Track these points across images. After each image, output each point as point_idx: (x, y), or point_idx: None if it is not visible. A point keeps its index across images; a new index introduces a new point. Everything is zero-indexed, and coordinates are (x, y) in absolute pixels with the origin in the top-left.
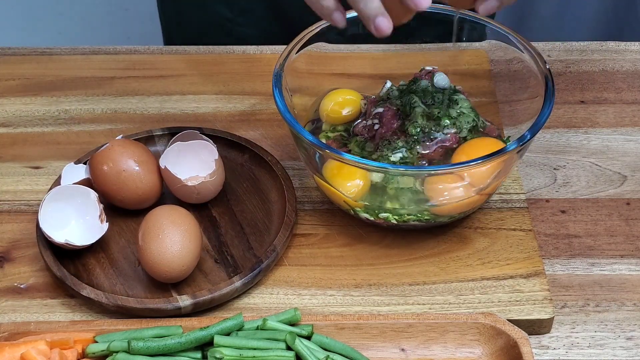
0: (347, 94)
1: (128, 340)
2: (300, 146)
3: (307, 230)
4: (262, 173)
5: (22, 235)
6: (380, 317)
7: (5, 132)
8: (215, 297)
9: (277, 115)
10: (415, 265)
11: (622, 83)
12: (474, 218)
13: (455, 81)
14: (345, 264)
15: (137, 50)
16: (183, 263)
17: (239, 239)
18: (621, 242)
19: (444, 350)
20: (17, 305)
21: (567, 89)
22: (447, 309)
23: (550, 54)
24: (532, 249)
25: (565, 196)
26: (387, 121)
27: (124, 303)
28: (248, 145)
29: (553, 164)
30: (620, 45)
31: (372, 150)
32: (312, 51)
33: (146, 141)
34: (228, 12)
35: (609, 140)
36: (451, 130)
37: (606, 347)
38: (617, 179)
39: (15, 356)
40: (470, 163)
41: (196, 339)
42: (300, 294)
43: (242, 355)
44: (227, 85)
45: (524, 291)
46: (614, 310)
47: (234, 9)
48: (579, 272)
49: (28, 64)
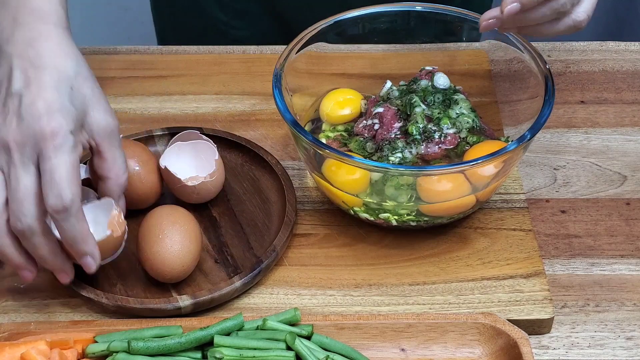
0: (347, 94)
1: (128, 340)
2: (300, 146)
3: (307, 230)
4: (262, 173)
5: None
6: (380, 317)
7: None
8: (215, 297)
9: (277, 115)
10: (415, 265)
11: (622, 83)
12: (474, 218)
13: (455, 81)
14: (345, 264)
15: (137, 50)
16: (183, 263)
17: (239, 239)
18: (621, 242)
19: (444, 350)
20: (17, 305)
21: (567, 89)
22: (447, 309)
23: (550, 54)
24: (532, 249)
25: (565, 196)
26: (387, 121)
27: (124, 303)
28: (248, 145)
29: (553, 164)
30: (620, 45)
31: (373, 151)
32: (312, 51)
33: (146, 141)
34: (223, 16)
35: (609, 140)
36: (451, 130)
37: (606, 347)
38: (617, 179)
39: (15, 356)
40: (469, 163)
41: (196, 339)
42: (300, 294)
43: (242, 355)
44: (227, 86)
45: (524, 291)
46: (614, 310)
47: (228, 12)
48: (579, 272)
49: None
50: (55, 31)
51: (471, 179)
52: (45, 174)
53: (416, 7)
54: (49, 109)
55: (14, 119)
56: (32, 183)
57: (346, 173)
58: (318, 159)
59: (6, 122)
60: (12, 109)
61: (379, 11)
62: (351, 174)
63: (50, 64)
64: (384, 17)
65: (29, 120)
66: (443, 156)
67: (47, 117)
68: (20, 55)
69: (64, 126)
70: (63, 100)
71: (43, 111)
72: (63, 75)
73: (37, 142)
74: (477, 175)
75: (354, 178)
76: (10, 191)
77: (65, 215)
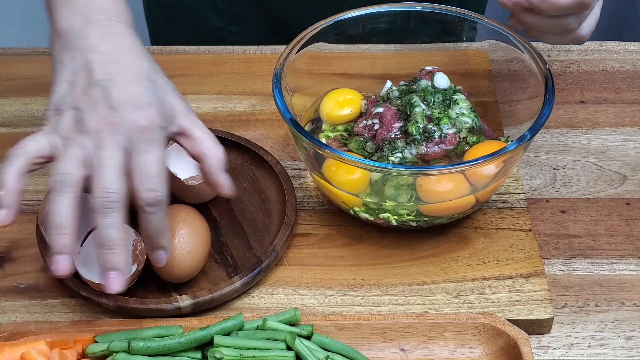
0: (347, 94)
1: (128, 340)
2: (300, 146)
3: (307, 230)
4: (262, 173)
5: (22, 235)
6: (380, 317)
7: (6, 132)
8: (215, 297)
9: (277, 115)
10: (415, 265)
11: (622, 83)
12: (474, 218)
13: (455, 81)
14: (345, 264)
15: None
16: (192, 265)
17: (239, 239)
18: (621, 242)
19: (444, 350)
20: (17, 305)
21: (567, 89)
22: (447, 309)
23: (550, 54)
24: (532, 249)
25: (565, 196)
26: (387, 121)
27: (124, 303)
28: (248, 145)
29: (553, 164)
30: (620, 45)
31: (373, 151)
32: (312, 51)
33: None
34: (218, 22)
35: (609, 140)
36: (451, 130)
37: (606, 347)
38: (617, 179)
39: (15, 356)
40: (469, 163)
41: (196, 339)
42: (300, 294)
43: (242, 355)
44: (227, 86)
45: (524, 291)
46: (614, 310)
47: (224, 18)
48: (579, 272)
49: (28, 64)
50: (125, 28)
51: (471, 179)
52: (138, 166)
53: (416, 7)
54: (139, 102)
55: (104, 108)
56: (121, 164)
57: (346, 173)
58: (318, 159)
59: (95, 110)
60: (100, 99)
61: (379, 11)
62: (351, 174)
63: (127, 60)
64: (384, 17)
65: (123, 111)
66: (443, 156)
67: (140, 111)
68: (96, 49)
69: (157, 121)
70: (149, 94)
71: (135, 105)
72: (141, 70)
73: (130, 134)
74: (477, 175)
75: (354, 178)
76: (100, 170)
77: (155, 209)
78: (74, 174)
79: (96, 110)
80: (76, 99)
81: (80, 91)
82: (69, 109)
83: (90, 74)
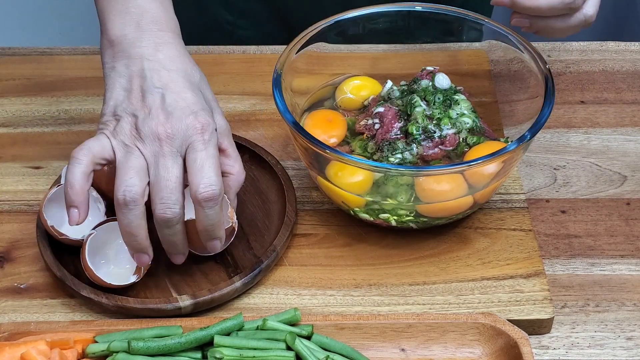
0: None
1: (128, 340)
2: (300, 146)
3: (307, 230)
4: (262, 173)
5: (22, 235)
6: (380, 317)
7: (5, 132)
8: (215, 297)
9: (277, 115)
10: (415, 265)
11: (622, 83)
12: (474, 218)
13: (455, 81)
14: (345, 264)
15: None
16: None
17: (239, 239)
18: (621, 242)
19: (444, 351)
20: (17, 305)
21: (567, 89)
22: (447, 309)
23: (550, 54)
24: (532, 249)
25: (565, 196)
26: (387, 121)
27: (124, 303)
28: (248, 145)
29: (553, 164)
30: (620, 45)
31: (374, 151)
32: (312, 51)
33: None
34: (228, 15)
35: (609, 140)
36: (451, 131)
37: (606, 347)
38: (617, 179)
39: (15, 356)
40: (469, 163)
41: (196, 339)
42: (300, 294)
43: (242, 355)
44: (227, 86)
45: (524, 291)
46: (614, 310)
47: (233, 12)
48: (579, 272)
49: (28, 64)
50: (175, 39)
51: (471, 179)
52: (195, 163)
53: (416, 7)
54: (194, 108)
55: (161, 114)
56: (181, 174)
57: (349, 174)
58: (318, 159)
59: (152, 115)
60: (155, 105)
61: (379, 11)
62: (355, 175)
63: (180, 68)
64: (384, 17)
65: (179, 115)
66: (443, 157)
67: (197, 116)
68: (150, 58)
69: (211, 124)
70: (202, 101)
71: (191, 110)
72: (193, 79)
73: (187, 136)
74: (477, 175)
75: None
76: (159, 180)
77: (213, 204)
78: (136, 186)
79: (153, 117)
80: (133, 105)
81: (136, 98)
82: (126, 115)
83: (144, 81)
